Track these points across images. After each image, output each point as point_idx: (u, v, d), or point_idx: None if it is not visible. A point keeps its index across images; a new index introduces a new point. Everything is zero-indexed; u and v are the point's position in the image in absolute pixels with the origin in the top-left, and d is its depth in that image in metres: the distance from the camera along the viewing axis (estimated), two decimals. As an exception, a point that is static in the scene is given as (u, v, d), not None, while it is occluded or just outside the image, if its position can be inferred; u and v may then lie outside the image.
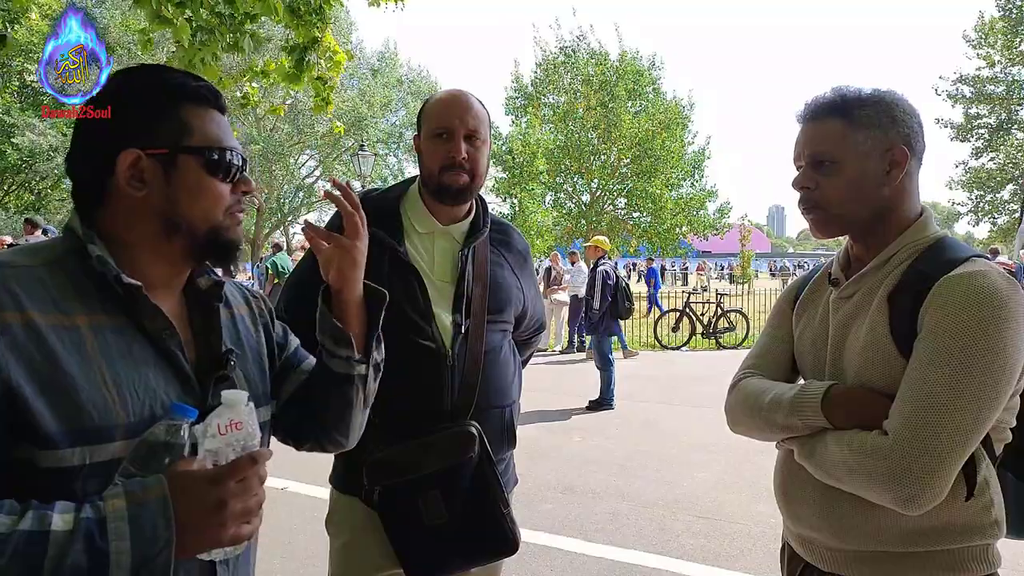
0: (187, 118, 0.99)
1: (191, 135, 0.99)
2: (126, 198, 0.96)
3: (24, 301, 0.86)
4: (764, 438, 1.37)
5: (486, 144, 1.73)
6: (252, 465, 0.87)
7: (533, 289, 1.92)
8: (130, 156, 0.95)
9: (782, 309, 1.51)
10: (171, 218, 0.98)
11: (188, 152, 0.98)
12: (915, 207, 1.30)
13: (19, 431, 0.82)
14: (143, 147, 0.96)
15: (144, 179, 0.96)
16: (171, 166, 0.97)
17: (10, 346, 0.83)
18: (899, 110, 1.26)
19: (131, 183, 0.96)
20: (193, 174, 0.98)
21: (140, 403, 0.91)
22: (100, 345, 0.90)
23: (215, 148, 1.00)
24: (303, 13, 3.88)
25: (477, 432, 1.62)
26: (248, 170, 1.08)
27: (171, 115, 0.98)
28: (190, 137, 0.99)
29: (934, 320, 1.14)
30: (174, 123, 0.98)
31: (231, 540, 0.86)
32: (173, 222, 0.98)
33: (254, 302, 1.21)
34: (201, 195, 0.99)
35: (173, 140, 0.97)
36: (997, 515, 1.19)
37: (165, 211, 0.97)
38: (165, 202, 0.97)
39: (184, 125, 0.98)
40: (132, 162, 0.95)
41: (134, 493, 0.81)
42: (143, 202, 0.96)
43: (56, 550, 0.76)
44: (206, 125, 1.01)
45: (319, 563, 3.15)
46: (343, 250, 1.16)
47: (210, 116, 1.02)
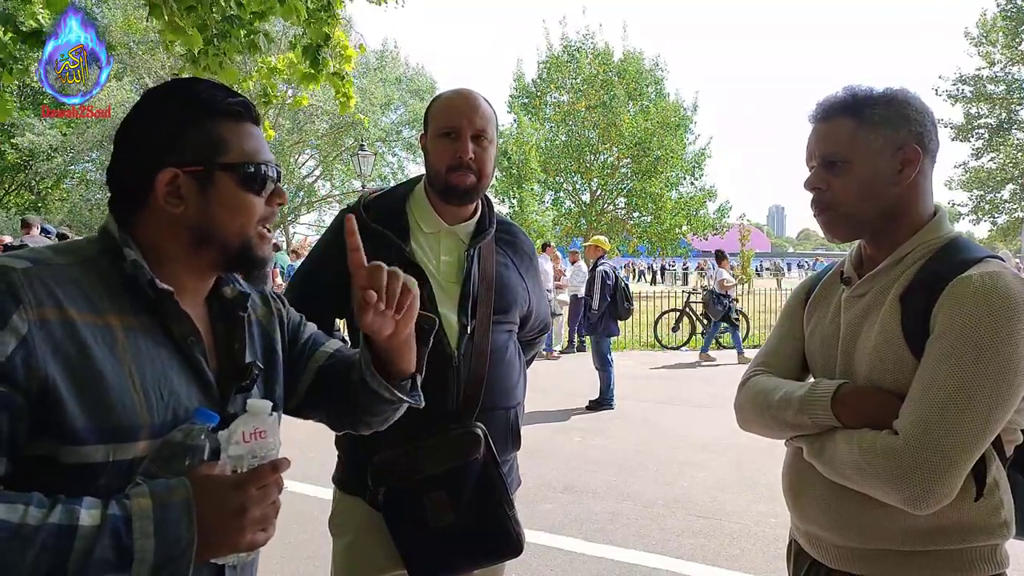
0: (222, 134, 1.00)
1: (226, 151, 1.00)
2: (163, 212, 0.98)
3: (62, 298, 0.87)
4: (773, 436, 1.36)
5: (493, 144, 1.72)
6: (272, 473, 0.89)
7: (538, 289, 1.91)
8: (168, 175, 0.97)
9: (793, 307, 1.50)
10: (205, 232, 0.99)
11: (224, 168, 0.99)
12: (928, 206, 1.30)
13: (45, 427, 0.84)
14: (180, 165, 0.97)
15: (181, 195, 0.98)
16: (207, 182, 0.99)
17: (48, 342, 0.84)
18: (911, 109, 1.26)
19: (168, 200, 0.97)
20: (229, 190, 1.00)
21: (164, 405, 0.93)
22: (130, 346, 0.92)
23: (250, 163, 1.01)
24: (312, 11, 3.89)
25: (482, 433, 1.61)
26: (281, 180, 1.09)
27: (206, 131, 0.99)
28: (225, 153, 1.00)
29: (946, 320, 1.13)
30: (209, 139, 0.99)
31: (248, 545, 0.88)
32: (206, 235, 0.99)
33: (272, 303, 1.21)
34: (236, 210, 1.01)
35: (208, 156, 0.99)
36: (1006, 516, 1.19)
37: (200, 225, 0.99)
38: (201, 217, 0.99)
39: (219, 141, 1.00)
40: (170, 180, 0.97)
41: (159, 493, 0.83)
42: (179, 217, 0.98)
43: (83, 544, 0.78)
44: (241, 140, 1.02)
45: (322, 564, 3.14)
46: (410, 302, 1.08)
47: (245, 130, 1.03)
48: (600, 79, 24.95)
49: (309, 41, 4.00)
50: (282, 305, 1.24)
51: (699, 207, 25.82)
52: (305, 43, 4.03)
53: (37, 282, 0.87)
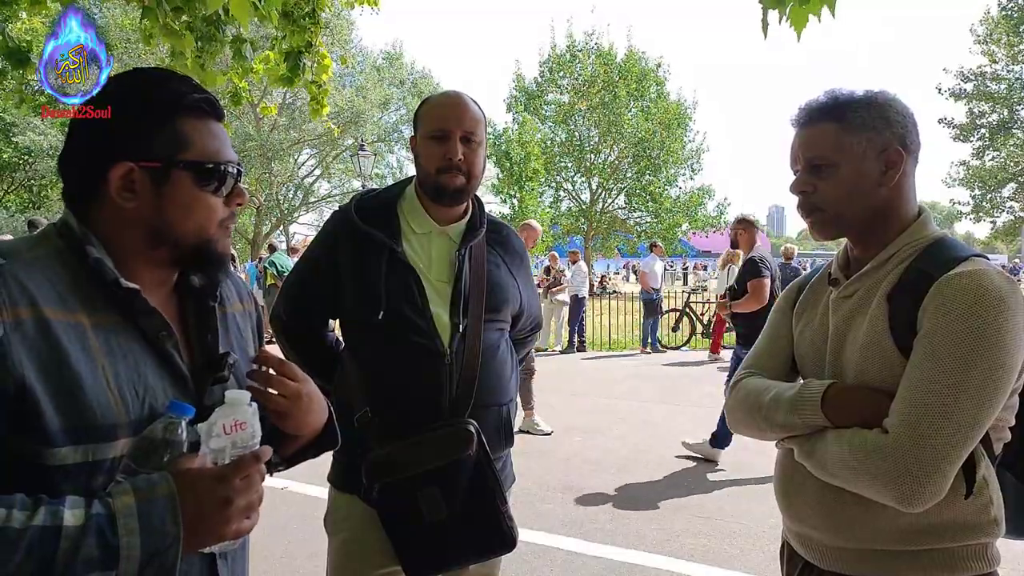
0: (183, 131, 0.98)
1: (187, 148, 0.97)
2: (115, 205, 0.96)
3: (35, 296, 0.86)
4: (764, 437, 1.37)
5: (482, 145, 1.74)
6: (255, 463, 0.89)
7: (530, 288, 1.93)
8: (122, 168, 0.94)
9: (782, 309, 1.51)
10: (158, 229, 0.97)
11: (182, 167, 0.97)
12: (913, 207, 1.31)
13: (22, 428, 0.83)
14: (137, 159, 0.95)
15: (135, 190, 0.95)
16: (163, 180, 0.96)
17: (23, 343, 0.83)
18: (892, 111, 1.27)
19: (121, 194, 0.95)
20: (185, 188, 0.98)
21: (140, 402, 0.92)
22: (102, 344, 0.90)
23: (210, 162, 0.99)
24: (297, 18, 3.89)
25: (475, 430, 1.62)
26: (243, 179, 1.07)
27: (167, 127, 0.97)
28: (185, 151, 0.97)
29: (934, 319, 1.14)
30: (170, 136, 0.97)
31: (234, 534, 0.88)
32: (159, 233, 0.97)
33: (247, 301, 1.21)
34: (193, 210, 0.98)
35: (167, 153, 0.96)
36: (996, 514, 1.19)
37: (152, 222, 0.97)
38: (153, 213, 0.97)
39: (180, 138, 0.97)
40: (124, 174, 0.94)
41: (141, 490, 0.83)
42: (132, 211, 0.96)
43: (69, 544, 0.78)
44: (203, 138, 0.99)
45: (318, 562, 3.15)
46: (295, 398, 1.09)
47: (207, 128, 1.01)
48: (602, 80, 24.96)
49: (291, 46, 4.00)
50: (255, 308, 1.23)
51: (698, 205, 25.85)
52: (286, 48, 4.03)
53: (10, 279, 0.85)
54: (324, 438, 1.20)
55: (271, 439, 1.14)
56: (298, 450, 1.20)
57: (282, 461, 1.20)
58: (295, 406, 1.08)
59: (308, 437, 1.17)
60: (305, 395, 1.09)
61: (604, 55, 25.42)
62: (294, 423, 1.10)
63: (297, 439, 1.17)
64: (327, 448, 1.22)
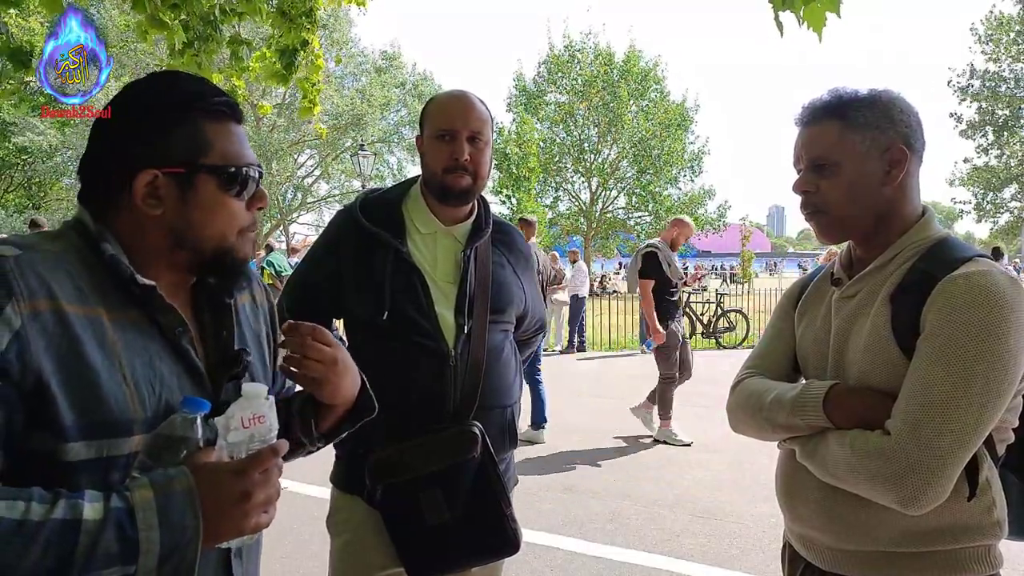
0: (205, 134, 0.97)
1: (208, 152, 0.97)
2: (139, 211, 0.95)
3: (53, 288, 0.86)
4: (765, 438, 1.36)
5: (488, 145, 1.73)
6: (273, 457, 0.88)
7: (534, 289, 1.92)
8: (147, 176, 0.94)
9: (784, 309, 1.50)
10: (180, 233, 0.97)
11: (205, 171, 0.97)
12: (916, 206, 1.30)
13: (39, 422, 0.82)
14: (159, 165, 0.94)
15: (160, 196, 0.95)
16: (188, 185, 0.96)
17: (42, 335, 0.82)
18: (896, 109, 1.26)
19: (147, 201, 0.95)
20: (209, 193, 0.97)
21: (156, 398, 0.92)
22: (119, 339, 0.90)
23: (232, 165, 0.99)
24: (293, 16, 3.88)
25: (479, 432, 1.62)
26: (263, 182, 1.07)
27: (189, 132, 0.96)
28: (207, 155, 0.97)
29: (937, 320, 1.13)
30: (191, 140, 0.96)
31: (253, 528, 0.88)
32: (181, 236, 0.97)
33: (258, 291, 1.20)
34: (216, 214, 0.98)
35: (190, 158, 0.96)
36: (999, 516, 1.19)
37: (177, 227, 0.97)
38: (179, 219, 0.96)
39: (202, 142, 0.97)
40: (149, 181, 0.94)
41: (160, 484, 0.82)
42: (157, 218, 0.96)
43: (88, 538, 0.77)
44: (224, 141, 0.99)
45: (320, 563, 3.14)
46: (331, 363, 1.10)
47: (228, 130, 1.00)
48: (601, 80, 24.96)
49: (286, 44, 4.00)
50: (267, 299, 1.22)
51: (699, 206, 25.86)
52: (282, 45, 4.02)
53: (29, 270, 0.85)
54: (360, 407, 1.20)
55: (305, 416, 1.15)
56: (335, 422, 1.19)
57: (321, 436, 1.20)
58: (331, 371, 1.09)
59: (344, 407, 1.18)
60: (340, 360, 1.11)
61: (603, 55, 25.43)
62: (331, 389, 1.11)
63: (333, 410, 1.17)
64: (364, 416, 1.21)
